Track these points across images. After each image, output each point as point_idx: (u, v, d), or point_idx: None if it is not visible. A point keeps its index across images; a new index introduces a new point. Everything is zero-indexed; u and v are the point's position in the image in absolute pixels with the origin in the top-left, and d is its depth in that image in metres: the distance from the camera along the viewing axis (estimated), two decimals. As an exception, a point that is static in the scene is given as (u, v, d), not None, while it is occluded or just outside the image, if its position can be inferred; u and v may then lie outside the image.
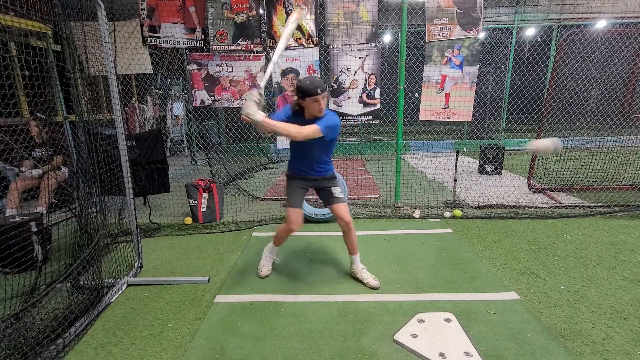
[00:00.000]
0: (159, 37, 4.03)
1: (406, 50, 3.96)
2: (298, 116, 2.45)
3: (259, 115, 2.11)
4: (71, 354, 1.98)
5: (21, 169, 3.74)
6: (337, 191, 2.59)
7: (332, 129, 2.37)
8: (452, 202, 4.40)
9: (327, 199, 2.63)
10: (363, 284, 2.65)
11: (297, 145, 2.49)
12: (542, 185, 4.92)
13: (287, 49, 4.10)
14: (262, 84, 2.27)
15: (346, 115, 4.27)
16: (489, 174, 6.09)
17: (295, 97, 2.37)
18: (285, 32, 2.39)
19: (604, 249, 3.14)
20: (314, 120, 2.38)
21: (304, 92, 2.27)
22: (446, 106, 4.17)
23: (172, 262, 3.12)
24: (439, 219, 4.00)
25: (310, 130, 2.28)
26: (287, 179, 2.67)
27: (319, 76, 4.23)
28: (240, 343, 2.04)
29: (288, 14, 4.00)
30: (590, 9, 7.38)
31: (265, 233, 3.70)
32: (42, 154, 3.87)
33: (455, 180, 4.49)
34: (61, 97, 3.65)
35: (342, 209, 2.59)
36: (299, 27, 4.04)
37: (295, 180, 2.62)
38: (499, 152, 6.02)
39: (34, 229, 2.87)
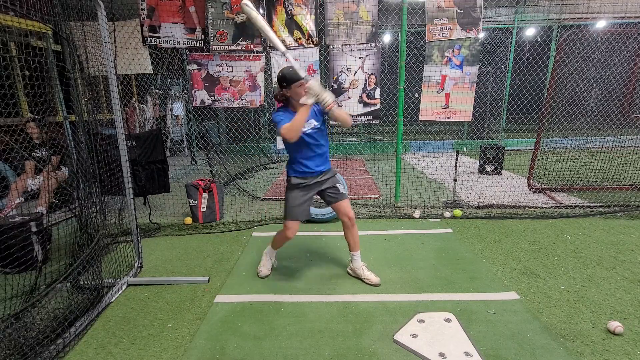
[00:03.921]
0: (159, 37, 4.03)
1: (406, 50, 3.96)
2: (288, 112, 2.38)
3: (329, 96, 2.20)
4: (71, 354, 1.98)
5: (28, 183, 3.76)
6: (341, 187, 2.57)
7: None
8: (452, 202, 4.40)
9: (333, 196, 2.54)
10: (362, 280, 2.66)
11: (296, 149, 2.41)
12: (542, 185, 4.92)
13: (287, 49, 4.10)
14: (303, 73, 2.27)
15: (346, 115, 4.26)
16: (489, 174, 6.09)
17: (279, 89, 2.36)
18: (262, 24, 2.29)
19: (604, 249, 3.14)
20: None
21: (289, 80, 2.27)
22: (446, 106, 4.17)
23: (172, 262, 3.12)
24: (439, 219, 4.00)
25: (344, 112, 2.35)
26: (289, 187, 2.51)
27: (319, 76, 4.23)
28: (240, 343, 2.04)
29: (288, 14, 4.01)
30: (590, 9, 7.38)
31: (265, 233, 3.70)
32: (42, 154, 3.87)
33: (455, 180, 4.49)
34: (61, 97, 3.65)
35: (346, 204, 2.56)
36: (299, 27, 4.04)
37: (299, 189, 2.47)
38: (499, 152, 6.02)
39: (34, 229, 2.87)
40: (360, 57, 4.10)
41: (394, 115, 4.23)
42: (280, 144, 4.54)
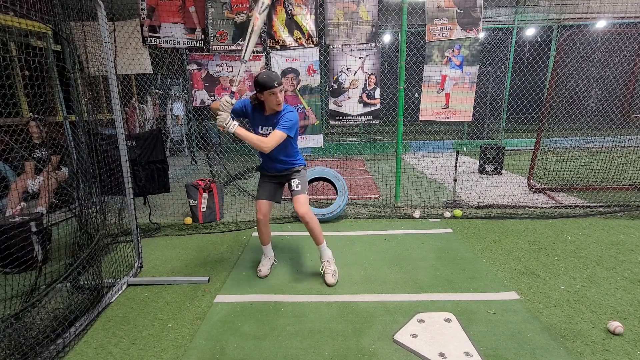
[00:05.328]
0: (159, 37, 4.03)
1: (406, 50, 3.96)
2: (257, 111, 2.54)
3: (232, 127, 2.28)
4: (71, 354, 1.98)
5: (28, 186, 3.75)
6: (295, 183, 2.67)
7: (293, 127, 2.46)
8: (452, 202, 4.40)
9: (290, 192, 2.72)
10: (322, 276, 2.70)
11: None
12: (542, 185, 4.92)
13: (287, 49, 4.10)
14: (235, 85, 2.37)
15: (346, 115, 4.27)
16: (489, 174, 6.09)
17: (254, 92, 2.46)
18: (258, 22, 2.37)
19: (604, 249, 3.14)
20: (274, 115, 2.48)
21: (261, 85, 2.35)
22: (446, 106, 4.17)
23: (172, 262, 3.12)
24: (439, 219, 4.00)
25: (276, 139, 2.39)
26: (260, 175, 2.82)
27: (319, 76, 4.23)
28: (240, 343, 2.04)
29: (288, 14, 4.01)
30: (590, 9, 7.38)
31: (265, 233, 3.69)
32: (42, 154, 3.87)
33: (455, 180, 4.49)
34: (61, 97, 3.64)
35: (299, 200, 2.61)
36: (299, 27, 4.04)
37: (262, 176, 2.79)
38: (499, 152, 6.02)
39: (34, 229, 2.87)
40: (360, 57, 4.10)
41: (394, 115, 4.23)
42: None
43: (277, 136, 2.40)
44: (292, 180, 2.67)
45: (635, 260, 2.90)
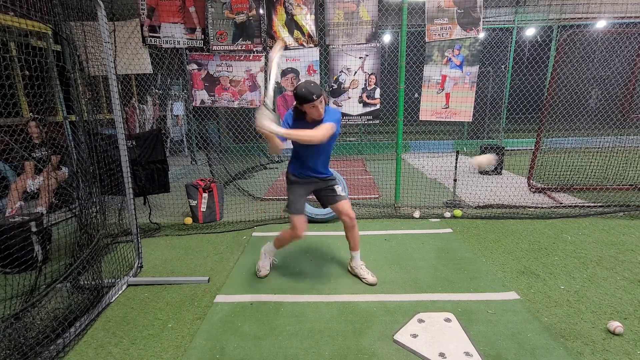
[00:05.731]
0: (159, 37, 4.03)
1: (406, 50, 3.96)
2: (300, 121, 2.43)
3: (280, 128, 2.12)
4: (71, 354, 1.98)
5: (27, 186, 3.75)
6: (339, 189, 2.62)
7: (339, 121, 2.41)
8: (452, 202, 4.40)
9: (330, 198, 2.62)
10: (360, 279, 2.69)
11: (300, 148, 2.49)
12: (542, 185, 4.92)
13: (287, 48, 4.10)
14: (268, 102, 2.22)
15: (346, 115, 4.27)
16: (489, 174, 6.08)
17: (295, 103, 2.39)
18: (273, 65, 2.36)
19: (604, 249, 3.14)
20: (317, 122, 2.38)
21: (301, 99, 2.27)
22: (446, 106, 4.17)
23: (172, 262, 3.12)
24: (439, 219, 4.00)
25: (323, 130, 2.27)
26: (289, 183, 2.60)
27: (319, 76, 4.23)
28: (240, 343, 2.04)
29: (288, 14, 4.01)
30: (590, 9, 7.37)
31: (265, 233, 3.70)
32: (42, 154, 3.88)
33: (455, 180, 4.49)
34: (61, 97, 3.65)
35: (347, 205, 2.61)
36: (299, 27, 4.04)
37: (298, 185, 2.56)
38: (499, 152, 6.02)
39: (34, 229, 2.87)
40: (360, 57, 4.10)
41: (394, 115, 4.23)
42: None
43: (325, 127, 2.27)
44: (336, 186, 2.61)
45: (635, 260, 2.90)
